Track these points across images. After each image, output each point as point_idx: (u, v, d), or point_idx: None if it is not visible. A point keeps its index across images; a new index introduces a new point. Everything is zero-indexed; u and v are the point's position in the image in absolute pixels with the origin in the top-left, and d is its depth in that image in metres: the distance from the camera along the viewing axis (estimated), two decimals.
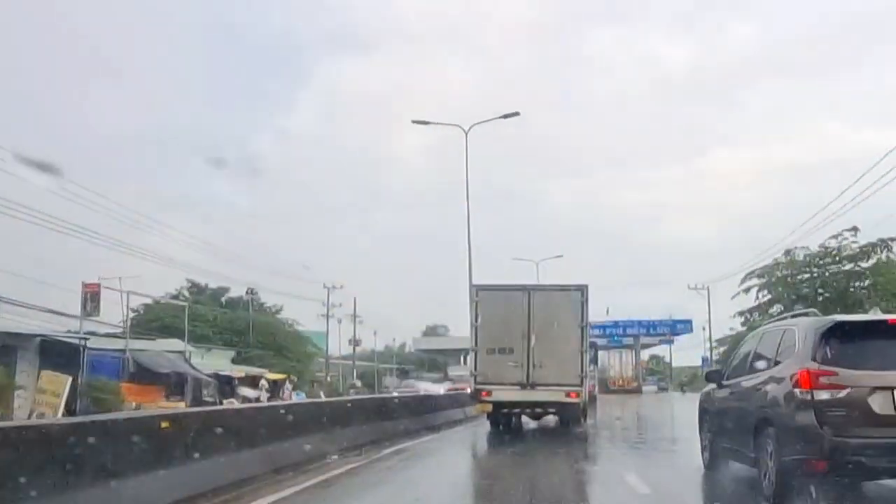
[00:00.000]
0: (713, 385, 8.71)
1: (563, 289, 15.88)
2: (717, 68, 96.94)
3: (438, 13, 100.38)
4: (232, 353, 41.19)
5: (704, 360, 52.25)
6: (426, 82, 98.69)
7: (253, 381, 35.12)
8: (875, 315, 8.40)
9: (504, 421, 16.45)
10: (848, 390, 5.84)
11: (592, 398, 19.50)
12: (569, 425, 15.99)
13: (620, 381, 56.53)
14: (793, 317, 7.53)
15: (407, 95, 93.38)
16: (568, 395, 15.19)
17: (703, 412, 9.03)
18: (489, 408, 15.69)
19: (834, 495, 6.05)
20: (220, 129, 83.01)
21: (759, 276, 35.59)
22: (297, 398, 35.29)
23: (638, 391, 55.25)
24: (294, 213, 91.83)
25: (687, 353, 64.30)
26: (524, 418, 17.12)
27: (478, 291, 16.06)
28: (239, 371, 36.13)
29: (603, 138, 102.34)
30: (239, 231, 79.68)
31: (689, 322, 56.84)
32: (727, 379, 8.20)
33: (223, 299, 48.67)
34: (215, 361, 36.57)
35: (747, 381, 7.34)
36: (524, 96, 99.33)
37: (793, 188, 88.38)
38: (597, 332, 42.13)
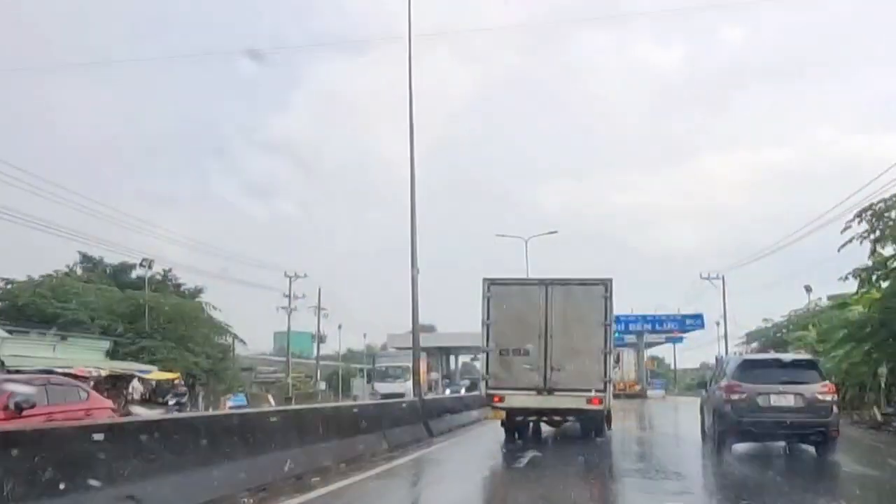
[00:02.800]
0: (703, 391, 16.78)
1: (585, 283, 15.45)
2: (708, 72, 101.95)
3: (427, 16, 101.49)
4: (107, 344, 34.21)
5: (719, 360, 51.97)
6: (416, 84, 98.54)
7: (116, 384, 26.03)
8: (765, 355, 19.24)
9: (520, 428, 16.00)
10: (745, 394, 12.60)
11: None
12: (590, 435, 15.55)
13: (622, 385, 55.78)
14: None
15: (396, 97, 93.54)
16: (590, 401, 14.84)
17: (700, 408, 16.38)
18: (502, 415, 15.29)
19: (738, 448, 13.18)
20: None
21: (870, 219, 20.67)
22: (234, 403, 32.58)
23: (642, 395, 54.81)
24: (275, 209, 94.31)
25: (692, 354, 64.21)
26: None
27: (489, 285, 15.58)
28: (97, 369, 25.90)
29: (593, 142, 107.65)
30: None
31: (699, 317, 55.41)
32: (708, 388, 15.59)
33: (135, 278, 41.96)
34: (80, 355, 29.78)
35: (711, 389, 14.68)
36: (514, 99, 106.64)
37: (784, 192, 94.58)
38: None
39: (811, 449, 12.93)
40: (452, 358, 75.46)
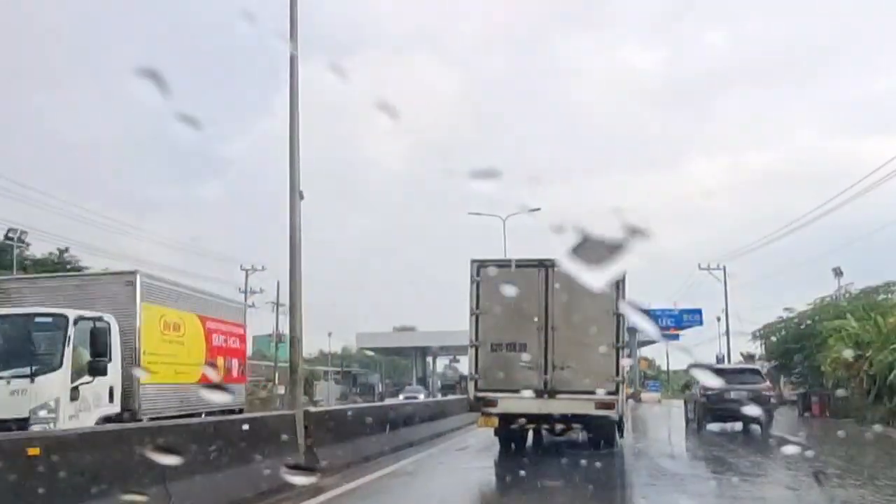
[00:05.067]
0: (689, 390, 25.65)
1: None
2: (691, 76, 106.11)
3: (413, 18, 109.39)
4: None
5: (719, 359, 50.75)
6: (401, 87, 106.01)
7: None
8: (727, 365, 33.96)
9: (517, 438, 14.33)
10: (715, 390, 19.63)
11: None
12: (599, 446, 13.91)
13: None
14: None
15: (385, 100, 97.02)
16: (599, 405, 13.18)
17: (684, 402, 25.74)
18: (495, 422, 13.62)
19: (710, 428, 21.21)
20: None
21: None
22: None
23: (635, 398, 53.46)
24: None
25: (681, 356, 63.05)
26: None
27: (479, 268, 13.89)
28: None
29: (579, 144, 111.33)
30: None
31: (698, 312, 54.07)
32: (689, 389, 25.12)
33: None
34: None
35: (693, 389, 23.69)
36: (500, 102, 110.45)
37: (766, 195, 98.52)
38: None
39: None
40: (430, 360, 73.76)
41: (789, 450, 14.29)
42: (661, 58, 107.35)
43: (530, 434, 14.87)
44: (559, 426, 13.91)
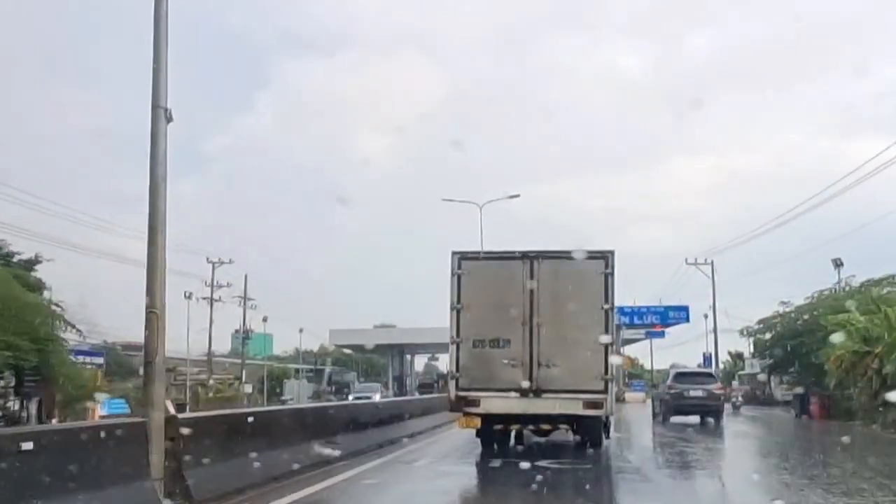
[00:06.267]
0: (656, 389, 35.07)
1: (580, 256, 13.39)
2: (676, 77, 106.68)
3: (397, 17, 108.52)
4: None
5: (706, 357, 50.71)
6: (387, 86, 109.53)
7: None
8: (687, 368, 32.03)
9: (500, 439, 13.98)
10: (677, 390, 26.09)
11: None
12: (586, 446, 13.59)
13: None
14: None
15: (367, 100, 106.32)
16: (587, 405, 12.88)
17: (652, 399, 33.16)
18: (477, 423, 13.27)
19: (671, 421, 25.56)
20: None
21: None
22: (110, 412, 28.10)
23: (619, 398, 53.14)
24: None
25: (668, 353, 62.94)
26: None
27: (460, 261, 13.55)
28: None
29: (564, 144, 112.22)
30: None
31: (684, 309, 53.64)
32: (656, 388, 33.96)
33: None
34: None
35: (660, 388, 30.22)
36: (485, 102, 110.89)
37: (751, 196, 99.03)
38: None
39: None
40: (409, 358, 73.34)
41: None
42: (647, 59, 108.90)
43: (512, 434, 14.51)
44: (545, 426, 13.62)
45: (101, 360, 38.97)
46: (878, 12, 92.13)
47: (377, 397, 36.73)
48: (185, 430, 8.17)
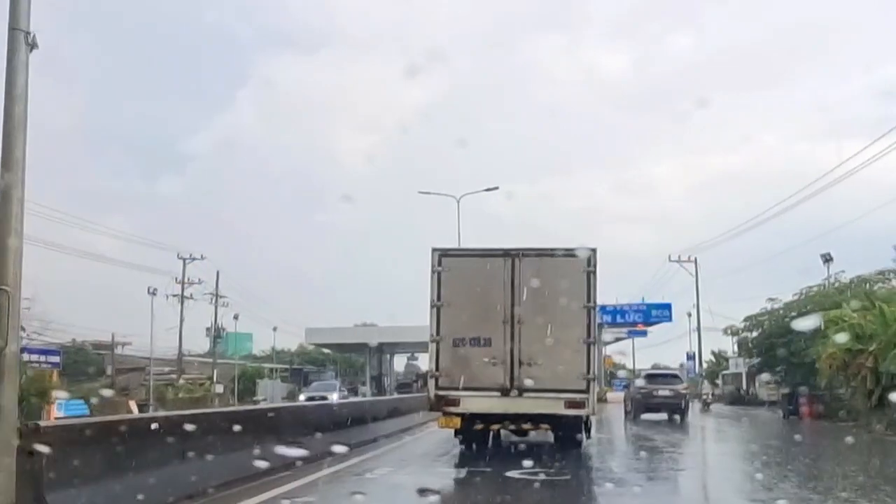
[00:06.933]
0: (627, 388, 35.41)
1: (562, 254, 13.33)
2: (656, 79, 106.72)
3: (378, 18, 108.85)
4: None
5: (690, 356, 50.86)
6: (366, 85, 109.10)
7: None
8: (656, 370, 38.11)
9: (480, 439, 13.94)
10: (648, 389, 29.34)
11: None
12: (566, 446, 13.54)
13: None
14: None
15: (348, 99, 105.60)
16: (568, 405, 12.86)
17: (625, 399, 33.12)
18: (457, 423, 13.20)
19: (642, 418, 28.46)
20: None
21: None
22: (67, 413, 26.42)
23: (601, 398, 53.05)
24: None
25: (650, 353, 63.15)
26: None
27: (440, 258, 13.48)
28: None
29: (545, 145, 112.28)
30: None
31: (667, 307, 53.45)
32: (628, 388, 34.65)
33: None
34: None
35: (632, 388, 32.31)
36: (466, 103, 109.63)
37: (728, 197, 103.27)
38: None
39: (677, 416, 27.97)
40: (388, 357, 73.03)
41: None
42: (629, 60, 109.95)
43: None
44: (525, 426, 13.57)
45: (56, 359, 38.18)
46: (860, 16, 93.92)
47: (335, 397, 33.10)
48: (42, 447, 6.26)
